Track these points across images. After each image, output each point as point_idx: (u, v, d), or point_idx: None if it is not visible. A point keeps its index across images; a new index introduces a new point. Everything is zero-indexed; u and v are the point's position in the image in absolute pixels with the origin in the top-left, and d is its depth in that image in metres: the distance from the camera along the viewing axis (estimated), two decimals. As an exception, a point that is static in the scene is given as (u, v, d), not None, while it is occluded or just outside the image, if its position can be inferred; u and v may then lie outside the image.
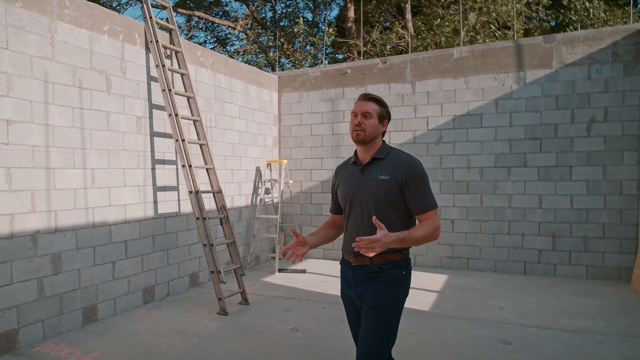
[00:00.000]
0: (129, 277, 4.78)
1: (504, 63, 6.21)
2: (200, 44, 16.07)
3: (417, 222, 2.17)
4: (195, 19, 15.08)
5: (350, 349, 3.64)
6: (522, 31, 10.93)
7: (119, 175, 4.70)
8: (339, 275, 2.32)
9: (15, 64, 3.75)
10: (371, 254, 1.84)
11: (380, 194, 2.08)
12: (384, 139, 2.25)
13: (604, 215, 5.75)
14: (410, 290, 5.18)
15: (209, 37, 16.36)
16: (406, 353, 3.53)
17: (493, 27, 10.30)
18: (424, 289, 5.43)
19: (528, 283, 5.64)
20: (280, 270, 6.52)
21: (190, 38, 15.70)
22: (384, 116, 2.19)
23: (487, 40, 10.63)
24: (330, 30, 11.51)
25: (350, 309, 2.26)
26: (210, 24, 15.67)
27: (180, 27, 15.75)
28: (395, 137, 6.83)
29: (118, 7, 14.48)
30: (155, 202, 5.16)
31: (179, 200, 5.49)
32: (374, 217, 1.90)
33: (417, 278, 5.93)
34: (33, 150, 3.87)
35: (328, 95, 7.36)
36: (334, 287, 5.57)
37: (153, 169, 5.13)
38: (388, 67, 6.92)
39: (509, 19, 10.39)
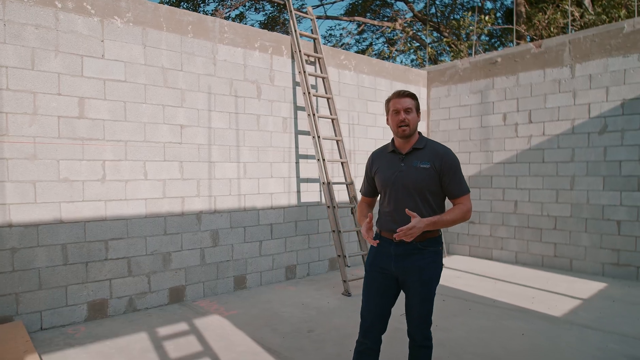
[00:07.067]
0: (274, 255, 5.60)
1: (692, 32, 5.07)
2: (367, 45, 16.81)
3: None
4: (359, 23, 15.84)
5: (450, 341, 3.65)
6: None
7: (267, 168, 5.54)
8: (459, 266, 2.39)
9: (187, 81, 4.85)
10: (410, 239, 2.20)
11: (422, 180, 2.31)
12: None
13: None
14: (548, 294, 4.83)
15: (374, 39, 16.99)
16: (506, 352, 3.38)
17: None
18: (567, 294, 4.88)
19: None
20: (418, 263, 6.60)
21: (358, 41, 16.58)
22: (419, 108, 2.39)
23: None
24: (486, 18, 10.78)
25: (380, 280, 2.41)
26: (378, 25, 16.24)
27: (350, 33, 16.76)
28: (549, 127, 6.19)
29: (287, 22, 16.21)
30: (298, 191, 5.88)
31: (320, 191, 6.12)
32: (406, 210, 2.21)
33: (566, 284, 5.35)
34: (199, 148, 4.93)
35: (477, 86, 7.08)
36: (467, 283, 5.45)
37: (297, 162, 5.86)
38: (543, 51, 6.31)
39: None
